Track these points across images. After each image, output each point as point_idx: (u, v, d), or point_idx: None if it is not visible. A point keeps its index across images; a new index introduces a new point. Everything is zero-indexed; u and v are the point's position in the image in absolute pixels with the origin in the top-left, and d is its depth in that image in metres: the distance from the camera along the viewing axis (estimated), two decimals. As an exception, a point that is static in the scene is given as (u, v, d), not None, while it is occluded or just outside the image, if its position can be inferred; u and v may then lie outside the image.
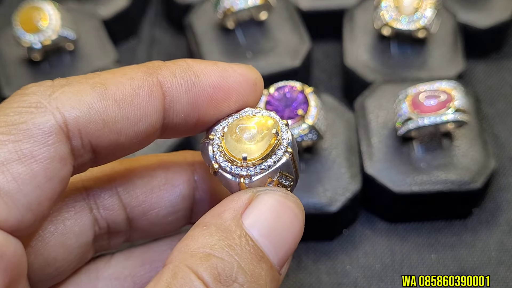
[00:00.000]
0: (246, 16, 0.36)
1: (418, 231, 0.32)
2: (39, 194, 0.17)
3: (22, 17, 0.34)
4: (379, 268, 0.31)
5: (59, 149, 0.17)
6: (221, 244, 0.17)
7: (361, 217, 0.33)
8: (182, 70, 0.19)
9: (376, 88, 0.34)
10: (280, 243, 0.18)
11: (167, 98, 0.19)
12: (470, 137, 0.32)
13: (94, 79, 0.18)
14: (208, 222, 0.18)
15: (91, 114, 0.18)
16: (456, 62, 0.35)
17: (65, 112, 0.17)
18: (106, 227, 0.22)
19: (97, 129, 0.18)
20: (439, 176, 0.31)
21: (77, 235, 0.21)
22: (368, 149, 0.32)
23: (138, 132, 0.19)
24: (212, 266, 0.17)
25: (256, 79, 0.20)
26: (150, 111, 0.19)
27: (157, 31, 0.41)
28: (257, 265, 0.17)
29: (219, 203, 0.19)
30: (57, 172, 0.17)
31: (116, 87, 0.18)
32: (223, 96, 0.19)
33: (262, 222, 0.18)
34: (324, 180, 0.31)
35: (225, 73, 0.19)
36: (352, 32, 0.37)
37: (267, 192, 0.19)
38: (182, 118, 0.19)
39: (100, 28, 0.38)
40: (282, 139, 0.19)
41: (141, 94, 0.18)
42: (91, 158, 0.19)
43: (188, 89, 0.19)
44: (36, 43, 0.34)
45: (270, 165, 0.19)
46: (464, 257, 0.31)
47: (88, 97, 0.18)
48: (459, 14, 0.37)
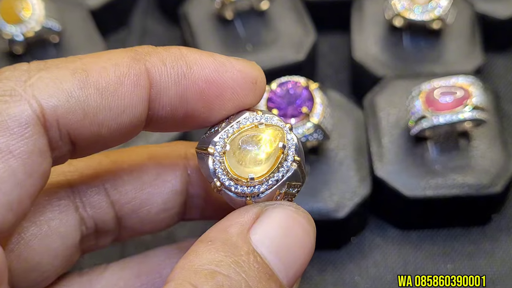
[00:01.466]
0: (246, 6, 0.36)
1: (433, 239, 0.32)
2: (19, 192, 0.16)
3: (3, 7, 0.33)
4: (391, 279, 0.30)
5: (37, 142, 0.17)
6: (227, 261, 0.17)
7: (371, 224, 0.32)
8: (173, 59, 0.18)
9: (387, 84, 0.33)
10: (290, 260, 0.18)
11: (153, 89, 0.18)
12: (489, 137, 0.31)
13: (75, 64, 0.17)
14: (213, 237, 0.18)
15: (71, 103, 0.17)
16: (474, 56, 0.34)
17: (42, 101, 0.17)
18: (94, 226, 0.21)
19: (76, 120, 0.17)
20: (455, 180, 0.30)
21: (63, 236, 0.20)
22: (379, 150, 0.31)
23: (121, 124, 0.18)
24: (218, 284, 0.16)
25: (257, 78, 0.19)
26: (135, 102, 0.18)
27: (149, 21, 0.41)
28: (265, 284, 0.17)
29: (225, 217, 0.18)
30: (37, 167, 0.17)
31: (98, 74, 0.17)
32: (216, 92, 0.19)
33: (271, 238, 0.18)
34: (330, 183, 0.30)
35: (222, 67, 0.19)
36: (361, 23, 0.36)
37: (276, 206, 0.18)
38: (168, 112, 0.19)
39: (88, 18, 0.37)
40: (288, 149, 0.19)
41: (126, 82, 0.18)
42: (70, 150, 0.18)
43: (177, 81, 0.18)
44: (18, 35, 0.33)
45: (278, 179, 0.18)
46: (482, 267, 0.30)
47: (68, 84, 0.17)
48: (477, 4, 0.36)
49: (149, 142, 0.32)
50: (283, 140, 0.18)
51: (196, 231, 0.31)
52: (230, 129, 0.19)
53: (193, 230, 0.31)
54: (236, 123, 0.19)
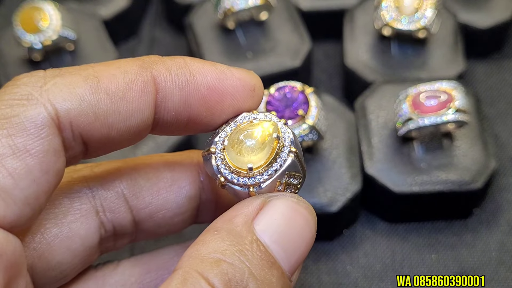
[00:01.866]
0: (246, 16, 0.36)
1: (419, 231, 0.32)
2: (35, 188, 0.17)
3: (22, 17, 0.34)
4: (380, 268, 0.31)
5: (52, 142, 0.17)
6: (232, 250, 0.17)
7: (362, 217, 0.33)
8: (177, 67, 0.19)
9: (376, 88, 0.34)
10: (291, 249, 0.18)
11: (159, 94, 0.19)
12: (471, 137, 0.32)
13: (87, 71, 0.18)
14: (219, 227, 0.18)
15: (83, 106, 0.17)
16: (457, 62, 0.35)
17: (57, 104, 0.17)
18: (112, 229, 0.22)
19: (88, 122, 0.18)
20: (439, 176, 0.31)
21: (83, 238, 0.20)
22: (369, 149, 0.32)
23: (130, 127, 0.18)
24: (222, 272, 0.16)
25: (255, 85, 0.20)
26: (143, 106, 0.18)
27: (157, 31, 0.42)
28: (268, 272, 0.17)
29: (230, 208, 0.18)
30: (52, 165, 0.17)
31: (109, 80, 0.18)
32: (217, 98, 0.19)
33: (274, 227, 0.18)
34: (324, 180, 0.31)
35: (222, 75, 0.19)
36: (352, 32, 0.37)
37: (279, 197, 0.18)
38: (173, 116, 0.19)
39: (101, 28, 0.38)
40: (284, 140, 0.19)
41: (134, 88, 0.18)
42: (82, 151, 0.19)
43: (181, 87, 0.19)
44: (37, 43, 0.34)
45: (276, 169, 0.18)
46: (464, 257, 0.31)
47: (80, 89, 0.17)
48: (459, 14, 0.37)
49: (157, 143, 0.32)
50: (277, 131, 0.19)
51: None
52: (229, 129, 0.19)
53: (202, 230, 0.32)
54: (233, 122, 0.19)
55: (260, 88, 0.20)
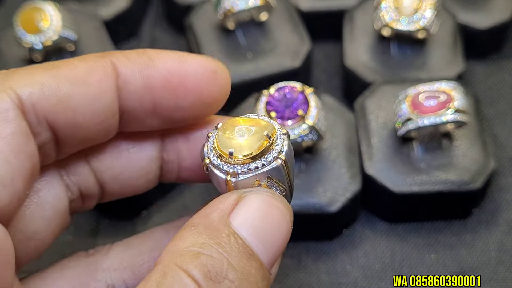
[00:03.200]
0: (246, 17, 0.36)
1: (418, 231, 0.32)
2: (9, 169, 0.17)
3: (23, 18, 0.34)
4: (379, 268, 0.31)
5: (19, 124, 0.17)
6: (210, 243, 0.17)
7: (361, 217, 0.33)
8: (136, 54, 0.19)
9: (376, 89, 0.34)
10: (269, 242, 0.18)
11: (120, 78, 0.19)
12: (470, 138, 0.32)
13: (48, 64, 0.19)
14: (196, 223, 0.18)
15: (44, 90, 0.18)
16: (456, 63, 0.35)
17: (18, 90, 0.18)
18: (79, 192, 0.22)
19: (51, 105, 0.18)
20: (438, 176, 0.31)
21: (53, 204, 0.21)
22: (368, 150, 0.32)
23: (95, 111, 0.19)
24: (202, 263, 0.17)
25: (216, 67, 0.20)
26: (104, 89, 0.19)
27: (157, 31, 0.42)
28: (247, 263, 0.17)
29: (207, 205, 0.19)
30: (23, 146, 0.17)
31: (68, 68, 0.18)
32: (179, 80, 0.19)
33: (250, 221, 0.18)
34: (324, 180, 0.31)
35: (181, 58, 0.20)
36: (352, 33, 0.36)
37: (254, 192, 0.19)
38: (137, 101, 0.19)
39: (101, 28, 0.37)
40: (276, 145, 0.19)
41: (94, 73, 0.19)
42: (51, 139, 0.19)
43: (141, 70, 0.19)
44: (37, 44, 0.34)
45: (258, 166, 0.18)
46: (463, 257, 0.31)
47: (41, 77, 0.18)
48: (458, 15, 0.37)
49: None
50: (272, 133, 0.18)
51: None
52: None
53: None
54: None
55: (224, 72, 0.20)
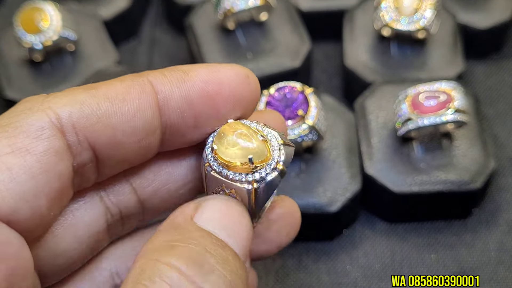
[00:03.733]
0: (246, 17, 0.36)
1: (418, 231, 0.32)
2: (33, 185, 0.17)
3: (23, 18, 0.34)
4: (379, 268, 0.31)
5: (53, 143, 0.18)
6: (182, 238, 0.17)
7: (361, 217, 0.33)
8: (169, 70, 0.20)
9: (376, 89, 0.34)
10: (235, 235, 0.19)
11: (160, 95, 0.19)
12: (470, 138, 0.32)
13: (87, 85, 0.19)
14: (163, 228, 0.18)
15: (84, 109, 0.18)
16: (456, 63, 0.35)
17: (58, 109, 0.18)
18: (119, 213, 0.21)
19: (91, 123, 0.18)
20: (438, 176, 0.31)
21: (88, 225, 0.20)
22: (368, 150, 0.32)
23: (135, 128, 0.19)
24: (179, 253, 0.17)
25: (247, 73, 0.20)
26: (144, 106, 0.19)
27: (157, 31, 0.42)
28: (222, 252, 0.17)
29: (168, 216, 0.19)
30: (53, 165, 0.18)
31: (107, 87, 0.19)
32: (215, 88, 0.20)
33: (214, 219, 0.18)
34: (324, 180, 0.31)
35: (213, 68, 0.20)
36: (352, 33, 0.37)
37: (210, 198, 0.19)
38: (178, 115, 0.19)
39: (101, 28, 0.38)
40: (260, 170, 0.19)
41: (132, 91, 0.19)
42: (91, 159, 0.19)
43: (179, 85, 0.19)
44: (37, 44, 0.34)
45: (228, 176, 0.19)
46: (463, 257, 0.31)
47: (80, 96, 0.18)
48: (458, 15, 0.37)
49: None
50: (261, 159, 0.19)
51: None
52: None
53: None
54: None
55: (253, 76, 0.20)
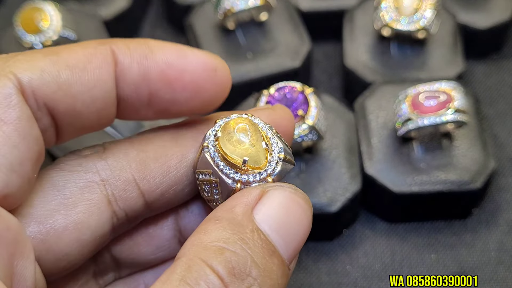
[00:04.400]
0: (246, 17, 0.36)
1: (418, 231, 0.32)
2: (17, 154, 0.17)
3: (23, 17, 0.34)
4: (379, 268, 0.31)
5: (23, 109, 0.18)
6: (234, 238, 0.17)
7: (361, 217, 0.33)
8: (137, 44, 0.19)
9: (376, 89, 0.34)
10: (290, 238, 0.18)
11: (118, 67, 0.19)
12: (470, 138, 0.32)
13: (48, 50, 0.19)
14: (220, 216, 0.18)
15: (44, 77, 0.18)
16: (456, 63, 0.35)
17: (18, 75, 0.18)
18: (125, 217, 0.21)
19: (51, 91, 0.18)
20: (438, 176, 0.31)
21: (93, 229, 0.20)
22: (368, 150, 0.32)
23: (95, 98, 0.19)
24: (226, 259, 0.17)
25: (216, 65, 0.20)
26: (104, 77, 0.19)
27: (157, 31, 0.42)
28: (269, 260, 0.17)
29: (230, 197, 0.19)
30: (29, 131, 0.18)
31: (68, 54, 0.18)
32: (176, 73, 0.19)
33: (273, 217, 0.18)
34: (324, 180, 0.31)
35: (182, 52, 0.19)
36: (352, 33, 0.37)
37: (277, 188, 0.19)
38: (132, 89, 0.19)
39: (101, 28, 0.38)
40: (250, 175, 0.19)
41: (94, 60, 0.19)
42: (51, 124, 0.19)
43: (139, 61, 0.19)
44: (37, 44, 0.34)
45: (219, 165, 0.19)
46: (463, 257, 0.31)
47: (41, 63, 0.18)
48: (458, 15, 0.37)
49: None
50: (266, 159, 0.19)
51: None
52: (217, 126, 0.20)
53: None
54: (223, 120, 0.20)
55: (224, 70, 0.20)
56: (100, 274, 0.23)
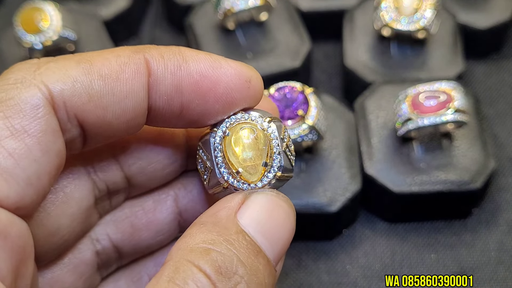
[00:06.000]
0: (246, 17, 0.36)
1: (418, 231, 0.32)
2: (37, 168, 0.17)
3: (23, 17, 0.35)
4: (379, 268, 0.31)
5: (49, 122, 0.17)
6: (219, 239, 0.17)
7: (361, 217, 0.33)
8: (171, 53, 0.19)
9: (376, 89, 0.34)
10: (274, 239, 0.19)
11: (151, 77, 0.19)
12: (470, 138, 0.32)
13: (80, 56, 0.18)
14: (204, 221, 0.18)
15: (76, 87, 0.18)
16: (456, 63, 0.35)
17: (50, 85, 0.17)
18: (106, 188, 0.22)
19: (82, 102, 0.18)
20: (438, 176, 0.31)
21: (78, 201, 0.21)
22: (368, 150, 0.32)
23: (125, 109, 0.18)
24: (212, 259, 0.17)
25: (251, 77, 0.20)
26: (136, 88, 0.18)
27: (157, 31, 0.42)
28: (254, 259, 0.18)
29: (214, 204, 0.19)
30: (52, 145, 0.17)
31: (101, 63, 0.18)
32: (210, 85, 0.19)
33: (257, 220, 0.18)
34: (324, 180, 0.31)
35: (216, 63, 0.19)
36: (352, 33, 0.37)
37: (259, 192, 0.19)
38: (165, 101, 0.19)
39: (101, 28, 0.38)
40: (241, 182, 0.19)
41: (127, 70, 0.18)
42: (80, 134, 0.19)
43: (173, 71, 0.19)
44: (37, 44, 0.34)
45: (217, 160, 0.19)
46: (463, 257, 0.31)
47: (73, 71, 0.18)
48: (458, 15, 0.37)
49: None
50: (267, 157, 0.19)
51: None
52: (225, 124, 0.20)
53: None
54: (229, 119, 0.20)
55: (258, 82, 0.20)
56: (104, 266, 0.23)
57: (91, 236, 0.22)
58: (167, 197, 0.23)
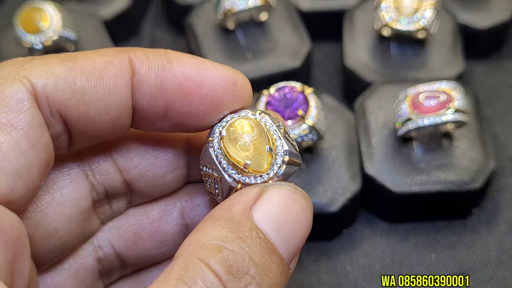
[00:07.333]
0: (246, 17, 0.36)
1: (418, 231, 0.32)
2: (25, 160, 0.17)
3: (23, 17, 0.35)
4: (379, 268, 0.31)
5: (34, 115, 0.17)
6: (232, 237, 0.17)
7: (361, 217, 0.33)
8: (156, 54, 0.19)
9: (376, 89, 0.34)
10: (289, 237, 0.18)
11: (135, 76, 0.19)
12: (470, 138, 0.32)
13: (65, 55, 0.19)
14: (218, 215, 0.18)
15: (59, 83, 0.18)
16: (456, 63, 0.35)
17: (33, 80, 0.18)
18: (104, 192, 0.22)
19: (65, 98, 0.18)
20: (438, 176, 0.31)
21: (76, 202, 0.21)
22: (368, 150, 0.32)
23: (109, 107, 0.18)
24: (224, 258, 0.17)
25: (237, 79, 0.19)
26: (120, 86, 0.18)
27: (157, 31, 0.42)
28: (267, 258, 0.17)
29: (229, 197, 0.19)
30: (39, 137, 0.17)
31: (85, 61, 0.18)
32: (194, 86, 0.19)
33: (272, 215, 0.18)
34: (324, 180, 0.31)
35: (201, 65, 0.19)
36: (352, 33, 0.37)
37: (276, 186, 0.18)
38: (149, 100, 0.19)
39: (101, 28, 0.38)
40: (250, 177, 0.19)
41: (111, 69, 0.18)
42: (64, 131, 0.19)
43: (157, 71, 0.19)
44: (37, 44, 0.34)
45: (221, 163, 0.19)
46: (463, 257, 0.31)
47: (56, 68, 0.18)
48: (458, 15, 0.37)
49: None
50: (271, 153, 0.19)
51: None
52: (224, 123, 0.20)
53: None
54: (230, 117, 0.20)
55: (245, 84, 0.20)
56: (106, 274, 0.23)
57: (93, 242, 0.22)
58: (173, 208, 0.23)
